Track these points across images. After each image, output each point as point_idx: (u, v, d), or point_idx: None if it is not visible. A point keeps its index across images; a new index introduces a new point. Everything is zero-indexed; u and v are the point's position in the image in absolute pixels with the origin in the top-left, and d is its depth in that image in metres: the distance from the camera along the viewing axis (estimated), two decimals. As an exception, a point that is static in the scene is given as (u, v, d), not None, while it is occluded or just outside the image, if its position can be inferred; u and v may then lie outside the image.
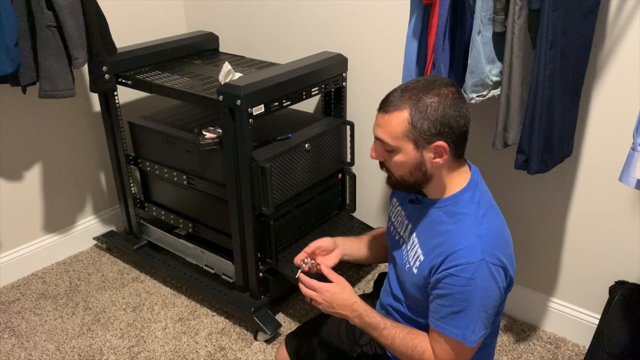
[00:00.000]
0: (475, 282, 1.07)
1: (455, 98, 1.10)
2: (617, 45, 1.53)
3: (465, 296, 1.08)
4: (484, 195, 1.18)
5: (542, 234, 1.88)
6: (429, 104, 1.08)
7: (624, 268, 1.74)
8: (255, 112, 1.74)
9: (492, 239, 1.10)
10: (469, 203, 1.14)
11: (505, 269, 1.10)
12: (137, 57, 2.14)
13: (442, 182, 1.17)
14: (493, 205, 1.19)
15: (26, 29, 1.75)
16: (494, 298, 1.10)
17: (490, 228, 1.12)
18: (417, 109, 1.08)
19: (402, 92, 1.11)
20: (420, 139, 1.10)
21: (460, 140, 1.13)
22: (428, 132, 1.09)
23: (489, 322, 1.12)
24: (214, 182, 1.99)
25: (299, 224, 2.07)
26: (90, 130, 2.41)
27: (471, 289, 1.07)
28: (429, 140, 1.10)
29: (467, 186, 1.16)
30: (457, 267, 1.08)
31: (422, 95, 1.09)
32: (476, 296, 1.07)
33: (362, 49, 2.07)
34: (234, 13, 2.41)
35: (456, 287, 1.08)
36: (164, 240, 2.35)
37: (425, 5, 1.48)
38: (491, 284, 1.08)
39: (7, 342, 1.96)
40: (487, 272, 1.07)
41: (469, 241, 1.09)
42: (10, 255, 2.28)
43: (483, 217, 1.13)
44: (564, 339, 1.93)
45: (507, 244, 1.15)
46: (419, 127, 1.09)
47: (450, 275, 1.08)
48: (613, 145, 1.63)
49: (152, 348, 1.93)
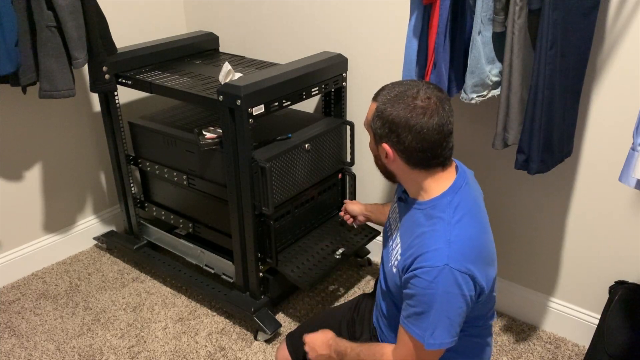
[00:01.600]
0: (437, 286, 1.07)
1: (417, 113, 1.09)
2: (617, 45, 1.53)
3: (427, 299, 1.08)
4: (465, 200, 1.16)
5: (542, 233, 1.88)
6: (390, 106, 1.12)
7: (624, 268, 1.74)
8: (255, 112, 1.74)
9: (461, 245, 1.10)
10: (446, 207, 1.14)
11: (472, 277, 1.09)
12: (137, 57, 2.14)
13: (417, 184, 1.18)
14: (472, 212, 1.17)
15: (26, 29, 1.75)
16: (457, 305, 1.09)
17: (462, 235, 1.11)
18: (381, 106, 1.14)
19: (389, 88, 1.17)
20: (376, 134, 1.17)
21: (413, 154, 1.13)
22: (379, 131, 1.15)
23: (455, 331, 1.11)
24: (214, 182, 1.99)
25: (299, 224, 2.07)
26: (90, 130, 2.41)
27: (432, 292, 1.07)
28: (380, 139, 1.16)
29: (447, 190, 1.16)
30: (421, 269, 1.09)
31: (392, 97, 1.13)
32: (436, 300, 1.07)
33: (362, 49, 2.07)
34: (234, 13, 2.41)
35: (419, 289, 1.09)
36: (164, 240, 2.35)
37: (425, 5, 1.48)
38: (454, 290, 1.07)
39: (7, 342, 1.96)
40: (450, 278, 1.07)
41: (437, 245, 1.10)
42: (10, 255, 2.28)
43: (457, 223, 1.12)
44: (563, 339, 1.94)
45: (479, 252, 1.13)
46: (374, 122, 1.15)
47: (415, 277, 1.10)
48: (613, 145, 1.63)
49: (152, 348, 1.93)
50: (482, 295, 1.14)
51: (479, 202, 1.22)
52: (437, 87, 1.15)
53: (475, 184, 1.28)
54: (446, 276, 1.06)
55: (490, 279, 1.15)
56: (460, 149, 1.91)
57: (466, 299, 1.09)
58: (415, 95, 1.11)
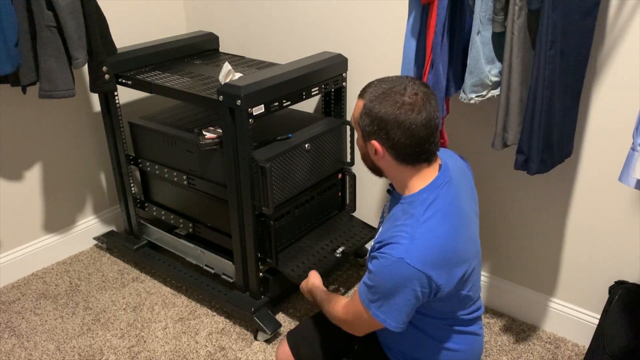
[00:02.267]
0: (388, 273, 1.13)
1: (405, 109, 1.12)
2: (617, 45, 1.53)
3: (378, 280, 1.15)
4: (440, 199, 1.18)
5: (542, 234, 1.88)
6: (378, 103, 1.13)
7: (624, 268, 1.74)
8: (255, 112, 1.74)
9: (423, 244, 1.12)
10: (420, 205, 1.17)
11: (428, 277, 1.12)
12: (137, 57, 2.14)
13: (401, 180, 1.21)
14: (447, 211, 1.18)
15: (26, 29, 1.75)
16: (404, 297, 1.13)
17: (428, 234, 1.14)
18: (368, 103, 1.15)
19: (374, 85, 1.18)
20: (363, 131, 1.18)
21: (401, 150, 1.15)
22: (368, 128, 1.16)
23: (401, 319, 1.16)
24: (214, 182, 1.99)
25: (299, 224, 2.07)
26: (90, 130, 2.41)
27: (382, 277, 1.14)
28: (369, 136, 1.17)
29: (425, 188, 1.18)
30: (381, 254, 1.15)
31: (380, 94, 1.14)
32: (385, 286, 1.14)
33: (362, 49, 2.07)
34: (234, 13, 2.41)
35: (374, 268, 1.16)
36: (164, 240, 2.35)
37: (423, 4, 1.47)
38: (403, 282, 1.12)
39: (7, 342, 1.96)
40: (401, 271, 1.11)
41: (401, 240, 1.13)
42: (10, 255, 2.28)
43: (426, 221, 1.15)
44: (563, 339, 1.93)
45: (442, 252, 1.15)
46: (362, 120, 1.17)
47: (375, 257, 1.17)
48: (613, 145, 1.63)
49: (152, 348, 1.93)
50: (439, 293, 1.16)
51: (458, 201, 1.23)
52: (423, 82, 1.18)
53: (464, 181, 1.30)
54: (398, 268, 1.11)
55: (454, 279, 1.17)
56: (460, 149, 1.90)
57: (416, 294, 1.13)
58: (403, 91, 1.13)
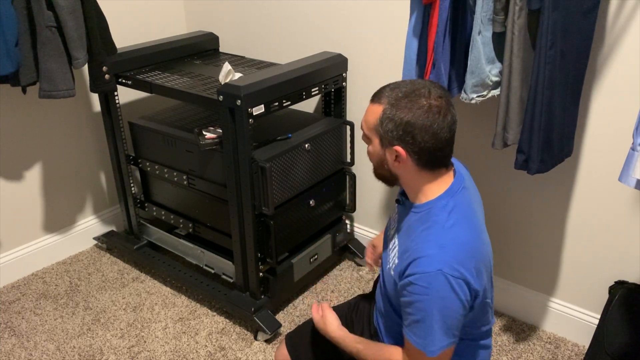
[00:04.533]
0: (431, 292, 1.06)
1: (433, 113, 1.09)
2: (617, 45, 1.53)
3: (423, 305, 1.08)
4: (460, 205, 1.16)
5: (542, 233, 1.88)
6: (402, 108, 1.10)
7: (624, 268, 1.74)
8: (255, 112, 1.74)
9: (454, 250, 1.09)
10: (440, 211, 1.13)
11: (466, 282, 1.08)
12: (137, 57, 2.14)
13: (417, 187, 1.17)
14: (468, 217, 1.16)
15: (26, 29, 1.75)
16: (454, 309, 1.08)
17: (456, 239, 1.10)
18: (390, 108, 1.11)
19: (391, 88, 1.14)
20: (384, 137, 1.13)
21: (425, 154, 1.12)
22: (390, 134, 1.11)
23: (453, 333, 1.11)
24: (214, 182, 1.99)
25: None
26: (90, 130, 2.41)
27: (427, 298, 1.07)
28: (391, 142, 1.12)
29: (443, 194, 1.15)
30: (415, 275, 1.08)
31: (402, 98, 1.11)
32: (433, 306, 1.07)
33: (362, 49, 2.07)
34: (234, 13, 2.41)
35: (415, 296, 1.09)
36: (164, 240, 2.35)
37: (425, 4, 1.48)
38: (449, 294, 1.07)
39: (7, 342, 1.96)
40: (444, 282, 1.06)
41: (431, 250, 1.09)
42: (10, 255, 2.28)
43: (451, 227, 1.11)
44: (563, 339, 1.93)
45: (472, 257, 1.11)
46: (384, 125, 1.12)
47: (410, 284, 1.09)
48: (613, 145, 1.63)
49: (152, 348, 1.93)
50: (477, 299, 1.13)
51: (474, 206, 1.21)
52: (441, 85, 1.16)
53: (472, 187, 1.28)
54: (440, 281, 1.06)
55: (484, 284, 1.15)
56: (460, 149, 1.91)
57: (463, 303, 1.09)
58: (428, 94, 1.10)
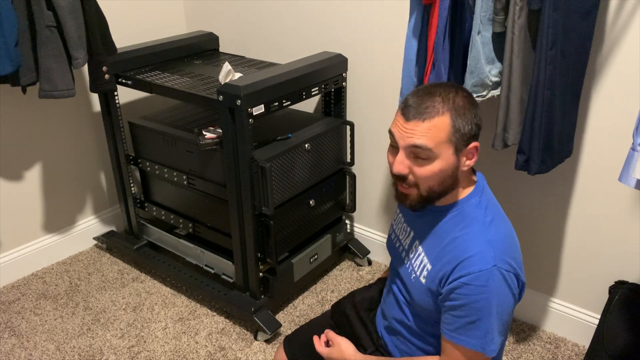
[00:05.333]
0: (490, 289, 1.04)
1: (471, 97, 1.11)
2: (617, 46, 1.53)
3: (481, 304, 1.05)
4: (491, 200, 1.16)
5: (543, 234, 1.88)
6: (464, 106, 1.07)
7: (624, 268, 1.74)
8: (255, 112, 1.74)
9: (501, 244, 1.08)
10: (476, 209, 1.12)
11: (517, 275, 1.08)
12: (137, 57, 2.14)
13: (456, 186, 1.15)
14: (500, 211, 1.17)
15: (26, 29, 1.75)
16: (508, 304, 1.08)
17: (499, 233, 1.10)
18: (456, 112, 1.06)
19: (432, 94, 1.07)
20: (460, 142, 1.07)
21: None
22: (467, 135, 1.07)
23: (505, 330, 1.10)
24: (214, 182, 1.99)
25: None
26: (90, 130, 2.41)
27: (486, 296, 1.04)
28: (467, 142, 1.08)
29: (473, 191, 1.15)
30: (469, 275, 1.05)
31: (454, 97, 1.07)
32: (492, 304, 1.05)
33: (362, 49, 2.07)
34: (234, 13, 2.41)
35: (471, 297, 1.05)
36: (164, 240, 2.35)
37: (425, 4, 1.48)
38: (505, 290, 1.06)
39: (7, 342, 1.96)
40: (500, 278, 1.05)
41: (479, 247, 1.06)
42: (10, 255, 2.28)
43: (491, 222, 1.11)
44: (563, 339, 1.93)
45: (516, 249, 1.13)
46: (461, 130, 1.06)
47: (463, 285, 1.05)
48: (613, 146, 1.63)
49: (152, 348, 1.93)
50: (522, 290, 1.13)
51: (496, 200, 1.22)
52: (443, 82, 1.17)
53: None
54: (496, 277, 1.04)
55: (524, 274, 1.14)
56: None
57: (515, 297, 1.09)
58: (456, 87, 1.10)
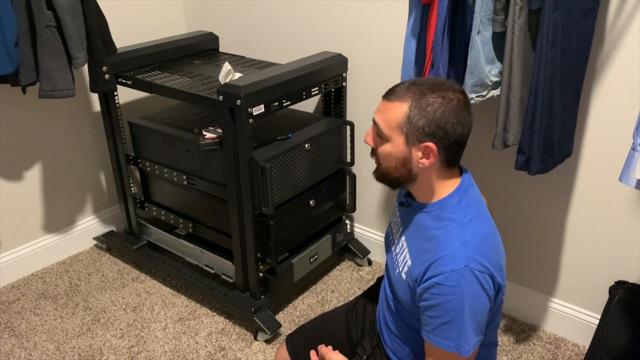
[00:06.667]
0: (462, 289, 1.04)
1: (459, 105, 1.08)
2: (617, 46, 1.53)
3: (453, 305, 1.04)
4: (473, 200, 1.14)
5: (543, 234, 1.88)
6: (431, 103, 1.06)
7: (624, 268, 1.74)
8: (255, 112, 1.74)
9: (477, 245, 1.07)
10: (456, 208, 1.12)
11: (491, 276, 1.07)
12: (137, 57, 2.14)
13: (430, 186, 1.15)
14: (482, 211, 1.15)
15: (26, 29, 1.75)
16: (483, 305, 1.07)
17: (476, 234, 1.09)
18: (417, 105, 1.07)
19: (409, 85, 1.10)
20: (412, 135, 1.08)
21: (454, 149, 1.11)
22: (421, 130, 1.07)
23: (481, 330, 1.09)
24: (214, 182, 1.99)
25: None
26: (90, 130, 2.41)
27: (458, 297, 1.04)
28: (420, 138, 1.08)
29: (455, 191, 1.14)
30: (440, 275, 1.05)
31: (427, 93, 1.07)
32: (464, 304, 1.04)
33: (362, 49, 2.07)
34: (234, 13, 2.41)
35: (443, 297, 1.05)
36: (164, 240, 2.35)
37: (423, 4, 1.48)
38: (478, 290, 1.05)
39: (7, 342, 1.96)
40: (472, 278, 1.04)
41: (453, 248, 1.06)
42: (10, 255, 2.28)
43: (469, 222, 1.10)
44: (564, 339, 1.93)
45: (494, 251, 1.11)
46: (414, 122, 1.07)
47: (435, 285, 1.06)
48: (613, 146, 1.63)
49: (152, 348, 1.93)
50: (499, 293, 1.12)
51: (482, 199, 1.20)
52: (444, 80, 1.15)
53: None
54: (469, 278, 1.04)
55: (504, 278, 1.13)
56: (460, 149, 1.91)
57: (490, 298, 1.07)
58: (452, 88, 1.09)
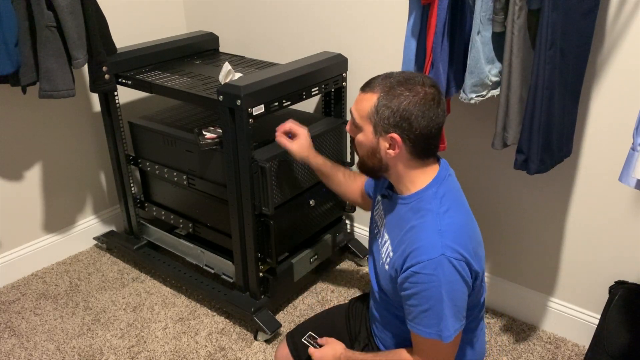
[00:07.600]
0: (438, 277, 1.08)
1: (427, 100, 1.11)
2: (617, 45, 1.53)
3: (431, 292, 1.09)
4: (450, 191, 1.18)
5: (542, 234, 1.88)
6: (397, 95, 1.11)
7: (624, 268, 1.74)
8: (255, 112, 1.74)
9: (453, 233, 1.11)
10: (432, 199, 1.15)
11: (467, 263, 1.11)
12: (137, 57, 2.14)
13: (406, 177, 1.19)
14: (459, 201, 1.19)
15: (26, 29, 1.75)
16: (461, 291, 1.11)
17: (453, 223, 1.13)
18: (385, 96, 1.12)
19: (383, 78, 1.16)
20: (378, 125, 1.14)
21: (420, 141, 1.14)
22: (386, 121, 1.13)
23: (462, 315, 1.13)
24: (214, 182, 1.99)
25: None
26: (90, 130, 2.41)
27: (435, 284, 1.08)
28: (386, 129, 1.13)
29: (431, 182, 1.17)
30: (418, 264, 1.09)
31: (396, 85, 1.12)
32: (442, 291, 1.08)
33: (362, 49, 2.07)
34: (234, 13, 2.41)
35: (420, 285, 1.09)
36: (164, 240, 2.35)
37: (423, 5, 1.48)
38: (455, 277, 1.09)
39: (7, 342, 1.96)
40: (449, 266, 1.08)
41: (429, 237, 1.10)
42: (10, 255, 2.28)
43: (445, 212, 1.14)
44: (563, 339, 1.93)
45: (470, 239, 1.15)
46: (380, 113, 1.13)
47: (413, 274, 1.10)
48: (613, 146, 1.63)
49: (152, 348, 1.93)
50: (477, 279, 1.16)
51: (460, 189, 1.24)
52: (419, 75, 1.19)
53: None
54: (445, 265, 1.08)
55: (481, 264, 1.18)
56: (459, 149, 1.91)
57: (467, 283, 1.11)
58: (422, 82, 1.13)
